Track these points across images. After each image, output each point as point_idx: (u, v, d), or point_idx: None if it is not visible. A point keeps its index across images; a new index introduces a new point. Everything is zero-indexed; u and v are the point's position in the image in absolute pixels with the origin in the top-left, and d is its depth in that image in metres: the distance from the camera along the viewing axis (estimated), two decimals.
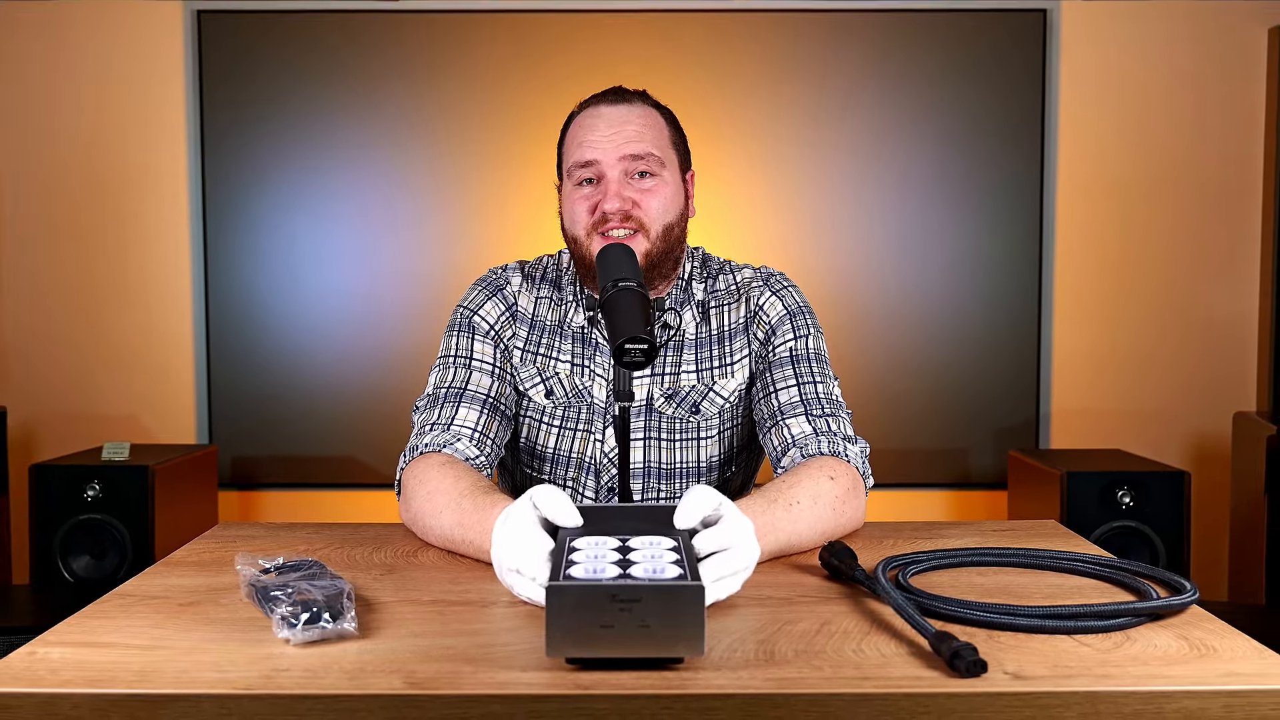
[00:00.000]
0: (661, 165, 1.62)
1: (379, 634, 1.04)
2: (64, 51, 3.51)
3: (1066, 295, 3.57)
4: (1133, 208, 3.55)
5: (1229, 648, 0.99)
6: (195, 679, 0.92)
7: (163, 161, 3.54)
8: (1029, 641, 1.01)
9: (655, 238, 1.61)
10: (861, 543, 1.41)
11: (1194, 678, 0.92)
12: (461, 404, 1.60)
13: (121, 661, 0.96)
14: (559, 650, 0.92)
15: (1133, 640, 1.01)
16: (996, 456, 3.58)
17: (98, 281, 3.57)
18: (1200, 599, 1.12)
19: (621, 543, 1.05)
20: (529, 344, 1.70)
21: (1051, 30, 3.50)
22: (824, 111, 3.52)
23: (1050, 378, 3.58)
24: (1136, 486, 3.02)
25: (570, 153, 1.64)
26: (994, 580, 1.23)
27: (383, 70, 3.50)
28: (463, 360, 1.66)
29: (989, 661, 0.93)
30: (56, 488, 3.04)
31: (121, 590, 1.20)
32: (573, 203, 1.63)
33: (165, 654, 0.98)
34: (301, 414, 3.57)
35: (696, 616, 0.91)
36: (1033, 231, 3.54)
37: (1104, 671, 0.93)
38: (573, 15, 3.49)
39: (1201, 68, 3.52)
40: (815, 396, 1.59)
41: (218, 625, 1.07)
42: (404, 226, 3.53)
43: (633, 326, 1.28)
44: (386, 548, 1.40)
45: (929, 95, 3.51)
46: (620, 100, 1.65)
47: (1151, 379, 3.59)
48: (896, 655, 0.97)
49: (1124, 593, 1.18)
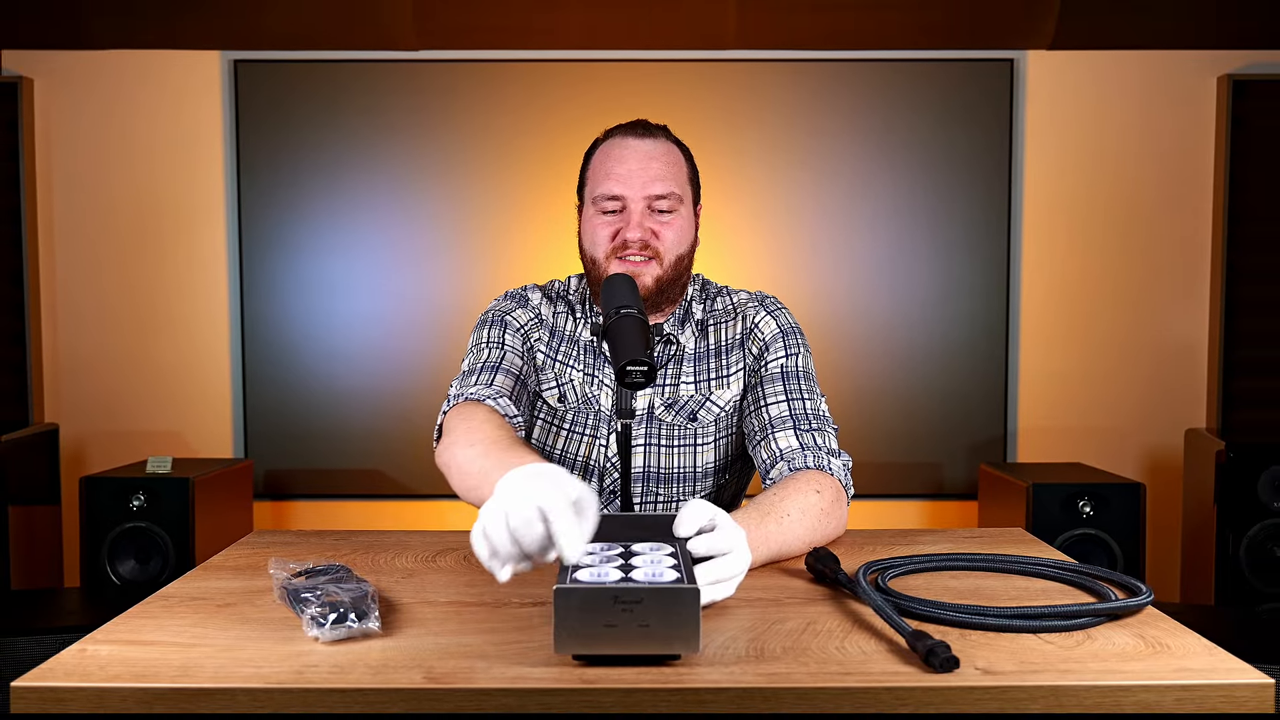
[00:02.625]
0: (680, 201, 1.63)
1: (400, 632, 1.04)
2: (113, 98, 3.53)
3: (1032, 320, 3.57)
4: (1093, 240, 3.56)
5: (1181, 645, 1.00)
6: (232, 674, 0.92)
7: (203, 199, 3.55)
8: (998, 640, 1.01)
9: (668, 266, 1.61)
10: (844, 549, 1.41)
11: (1149, 673, 0.92)
12: (498, 373, 1.60)
13: (164, 658, 0.96)
14: (566, 648, 0.92)
15: (1093, 639, 1.01)
16: (968, 469, 3.57)
17: (143, 309, 3.58)
18: (1154, 600, 1.12)
19: (625, 549, 1.05)
20: (550, 350, 1.70)
21: (1018, 78, 3.52)
22: (810, 151, 3.53)
23: (1017, 396, 3.58)
24: (1096, 497, 3.01)
25: (597, 181, 1.63)
26: (966, 583, 1.23)
27: (403, 115, 3.52)
28: (496, 344, 1.65)
29: (961, 658, 0.93)
30: (104, 498, 3.04)
31: (164, 592, 1.20)
32: (594, 227, 1.63)
33: (204, 651, 0.99)
34: (330, 431, 3.56)
35: (693, 617, 0.91)
36: (1001, 261, 3.54)
37: (1066, 667, 0.93)
38: (580, 64, 3.51)
39: (1156, 112, 3.54)
40: (804, 412, 1.58)
41: (252, 624, 1.07)
42: (423, 258, 3.54)
43: (634, 350, 1.29)
44: (408, 553, 1.40)
45: (907, 137, 3.53)
46: (647, 135, 1.64)
47: (1110, 398, 3.59)
48: (876, 652, 0.97)
49: (1085, 595, 1.18)
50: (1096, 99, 3.54)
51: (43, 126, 3.54)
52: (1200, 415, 3.58)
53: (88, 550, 3.04)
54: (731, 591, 1.10)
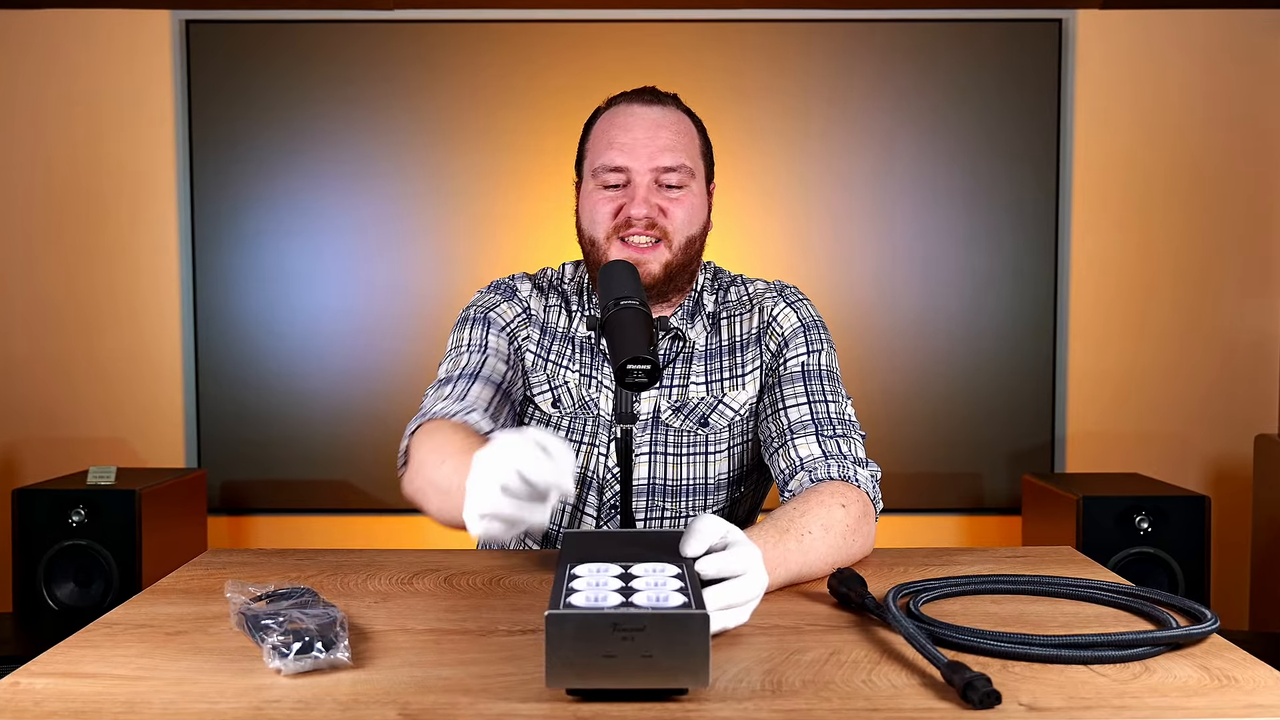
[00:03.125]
0: (691, 176, 1.62)
1: (373, 664, 1.04)
2: (49, 62, 3.53)
3: (1083, 314, 3.57)
4: (1151, 221, 3.56)
5: (1251, 678, 0.99)
6: (183, 710, 0.92)
7: (150, 177, 3.56)
8: (1044, 672, 1.01)
9: (677, 249, 1.61)
10: (871, 570, 1.41)
11: (1215, 709, 0.92)
12: (476, 381, 1.59)
13: (107, 692, 0.96)
14: (559, 681, 0.91)
15: (1151, 671, 1.01)
16: (1010, 480, 3.57)
17: (83, 300, 3.58)
18: (1221, 628, 1.12)
19: (624, 569, 1.05)
20: (540, 349, 1.70)
21: (1067, 40, 3.52)
22: (835, 123, 3.53)
23: (1066, 399, 3.58)
24: (1155, 511, 3.01)
25: (598, 152, 1.62)
26: (1008, 609, 1.23)
27: (376, 82, 3.52)
28: (477, 347, 1.65)
29: (1003, 693, 0.93)
30: (40, 513, 3.04)
31: (107, 619, 1.20)
32: (594, 203, 1.62)
33: (153, 684, 0.98)
34: (293, 437, 3.57)
35: (701, 646, 0.91)
36: (1048, 246, 3.54)
37: (1121, 703, 0.93)
38: (572, 25, 3.51)
39: (1218, 77, 3.54)
40: (827, 416, 1.57)
41: (207, 655, 1.07)
42: (397, 243, 3.54)
43: (635, 347, 1.28)
44: (381, 575, 1.40)
45: (943, 107, 3.53)
46: (655, 102, 1.64)
47: (1170, 400, 3.59)
48: (908, 686, 0.97)
49: (1142, 621, 1.18)
50: (1154, 62, 3.54)
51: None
52: (1272, 419, 3.58)
53: (21, 571, 3.04)
54: (746, 618, 1.09)
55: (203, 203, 3.55)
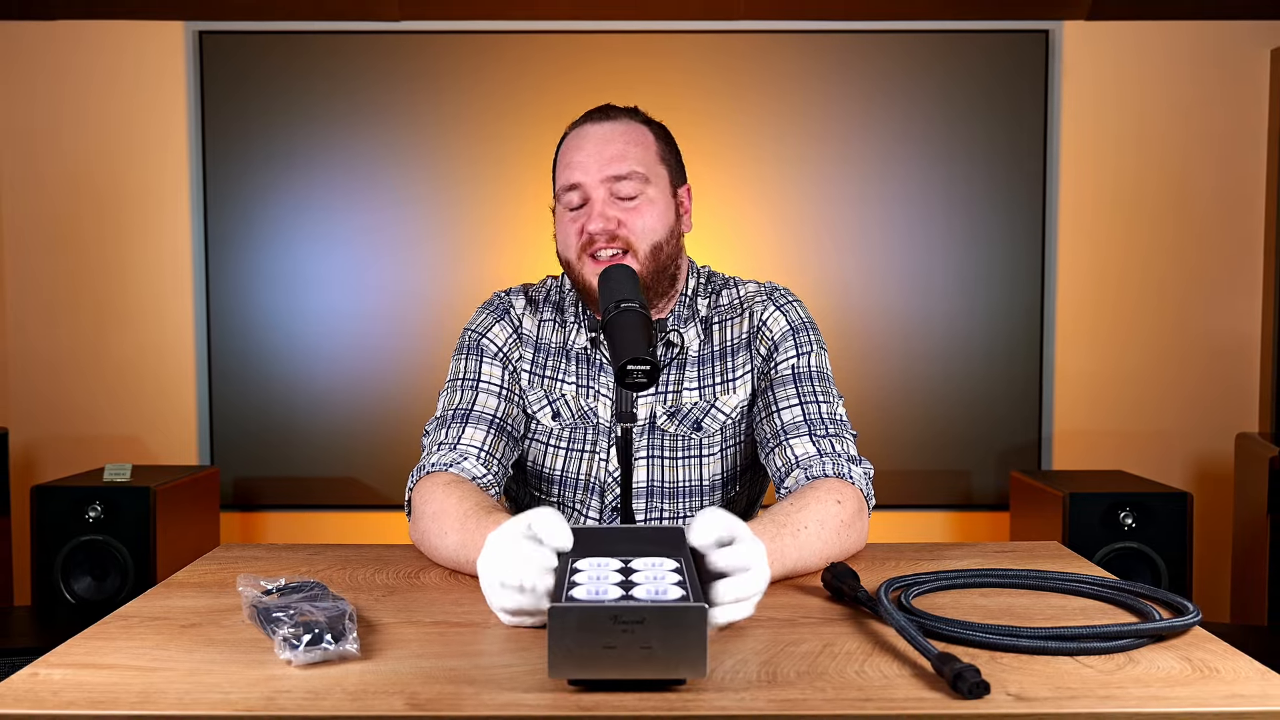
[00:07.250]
0: (646, 182, 1.60)
1: (381, 655, 1.04)
2: (67, 71, 3.53)
3: (1069, 315, 3.57)
4: (1135, 227, 3.56)
5: (1232, 669, 0.99)
6: (197, 700, 0.92)
7: (164, 182, 3.56)
8: (1032, 663, 1.01)
9: (644, 257, 1.58)
10: (864, 564, 1.41)
11: (1197, 699, 0.92)
12: (468, 424, 1.60)
13: (123, 683, 0.96)
14: (561, 671, 0.92)
15: (1135, 662, 1.01)
16: (998, 478, 3.57)
17: (100, 302, 3.58)
18: (1203, 620, 1.12)
19: (624, 564, 1.05)
20: (535, 366, 1.69)
21: (1054, 51, 3.52)
22: (826, 131, 3.53)
23: (1053, 399, 3.58)
24: (1139, 508, 3.01)
25: (559, 175, 1.63)
26: (997, 602, 1.23)
27: (384, 90, 3.52)
28: (470, 382, 1.66)
29: (992, 683, 0.93)
30: (58, 509, 3.04)
31: (123, 611, 1.20)
32: (563, 225, 1.63)
33: (167, 675, 0.98)
34: (303, 435, 3.57)
35: (699, 638, 0.91)
36: (1034, 250, 3.54)
37: (1106, 693, 0.93)
38: (574, 36, 3.51)
39: (1203, 88, 3.54)
40: (819, 416, 1.57)
41: (219, 646, 1.07)
42: (405, 246, 3.54)
43: (635, 348, 1.28)
44: (388, 569, 1.40)
45: (931, 115, 3.52)
46: (605, 118, 1.63)
47: (1153, 400, 3.59)
48: (899, 677, 0.97)
49: (1126, 614, 1.18)
50: (1139, 74, 3.54)
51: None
52: (1253, 418, 3.58)
53: (39, 566, 3.04)
54: (751, 611, 1.09)
55: (215, 207, 3.54)
